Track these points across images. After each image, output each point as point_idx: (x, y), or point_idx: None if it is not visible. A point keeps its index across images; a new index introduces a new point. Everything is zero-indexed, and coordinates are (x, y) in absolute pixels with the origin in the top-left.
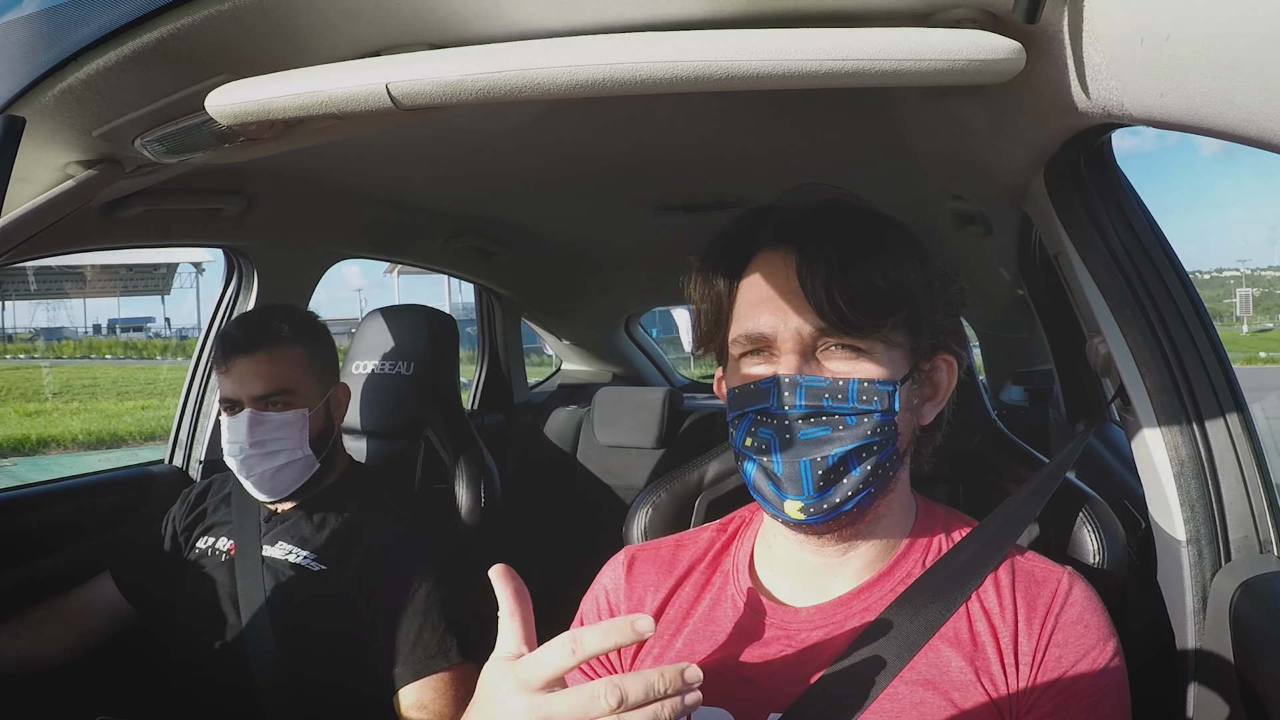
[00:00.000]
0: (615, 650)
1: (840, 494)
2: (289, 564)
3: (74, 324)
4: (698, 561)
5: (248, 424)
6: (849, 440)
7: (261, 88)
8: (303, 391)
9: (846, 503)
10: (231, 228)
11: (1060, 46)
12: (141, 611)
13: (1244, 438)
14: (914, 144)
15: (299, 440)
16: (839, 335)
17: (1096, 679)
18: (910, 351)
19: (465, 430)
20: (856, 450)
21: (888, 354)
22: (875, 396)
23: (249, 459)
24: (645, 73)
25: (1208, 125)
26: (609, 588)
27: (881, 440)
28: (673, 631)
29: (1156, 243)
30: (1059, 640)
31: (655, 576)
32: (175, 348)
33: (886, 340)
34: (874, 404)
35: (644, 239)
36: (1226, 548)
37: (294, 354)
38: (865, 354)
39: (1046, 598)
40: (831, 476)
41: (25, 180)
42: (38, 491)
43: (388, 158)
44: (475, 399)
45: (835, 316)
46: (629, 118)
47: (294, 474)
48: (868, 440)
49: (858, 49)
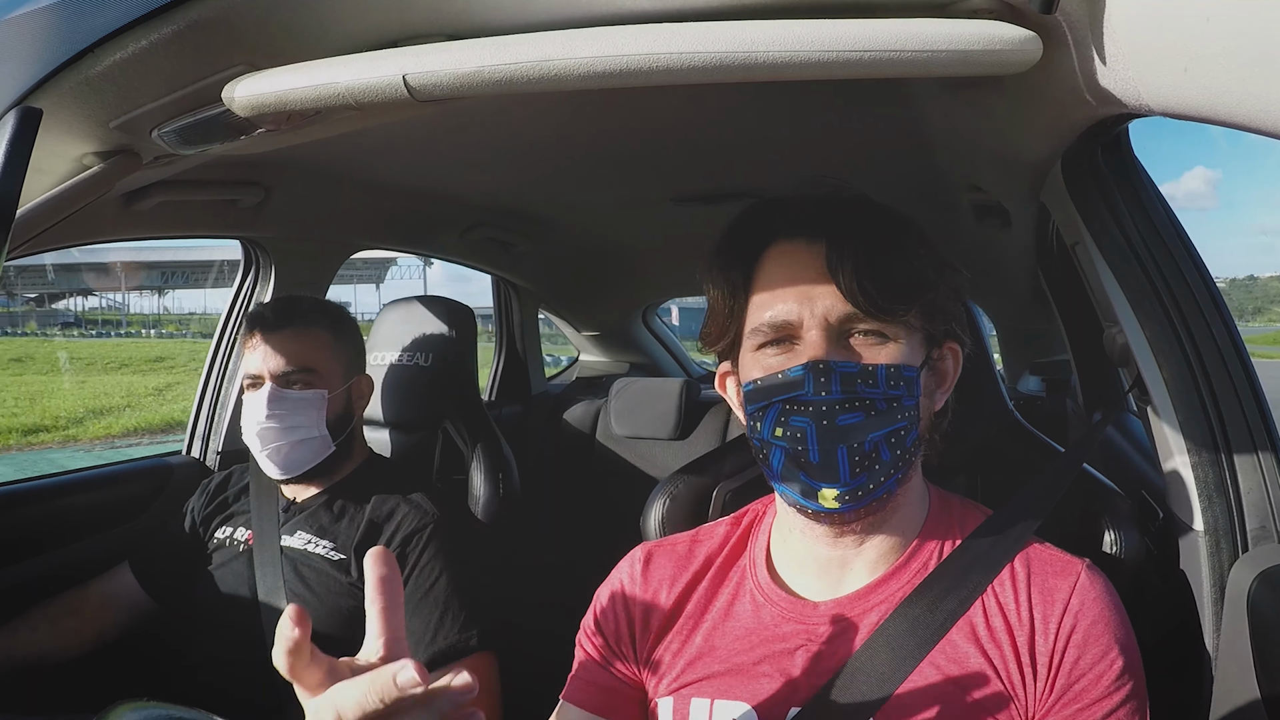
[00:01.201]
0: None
1: (874, 480)
2: (308, 553)
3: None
4: (714, 556)
5: (268, 398)
6: (880, 426)
7: (278, 79)
8: (324, 373)
9: (879, 489)
10: (249, 219)
11: (1078, 37)
12: (160, 603)
13: (1261, 428)
14: (932, 134)
15: (316, 419)
16: (868, 320)
17: (1116, 681)
18: (926, 338)
19: (484, 421)
20: (886, 436)
21: (909, 340)
22: (902, 382)
23: (265, 431)
24: (663, 63)
25: (1226, 116)
26: (625, 580)
27: (907, 425)
28: (691, 627)
29: (1174, 232)
30: (1077, 642)
31: (671, 571)
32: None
33: (909, 326)
34: (901, 389)
35: (662, 230)
36: (1244, 538)
37: (319, 336)
38: (890, 340)
39: (1064, 594)
40: (866, 463)
41: (43, 171)
42: (56, 482)
43: (406, 148)
44: (493, 390)
45: (865, 300)
46: (646, 108)
47: (308, 453)
48: (896, 425)
49: (875, 39)
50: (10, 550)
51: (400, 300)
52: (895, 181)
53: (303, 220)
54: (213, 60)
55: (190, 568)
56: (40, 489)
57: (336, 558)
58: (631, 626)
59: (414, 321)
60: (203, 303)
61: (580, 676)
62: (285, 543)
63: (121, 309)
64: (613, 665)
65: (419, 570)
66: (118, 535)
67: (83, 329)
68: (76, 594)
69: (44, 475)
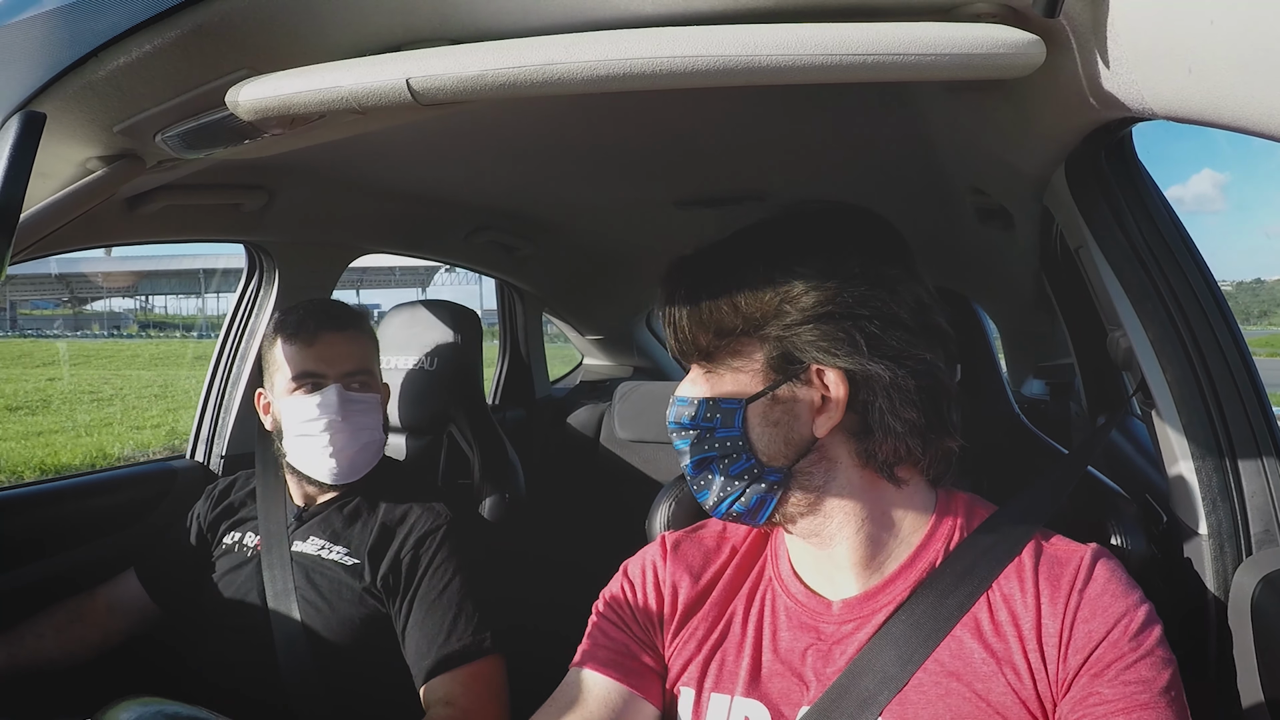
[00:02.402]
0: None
1: (713, 496)
2: (321, 559)
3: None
4: (738, 550)
5: (338, 397)
6: (695, 453)
7: (282, 83)
8: (375, 377)
9: (721, 504)
10: (253, 223)
11: (1081, 40)
12: (166, 610)
13: (1265, 431)
14: (935, 138)
15: (378, 422)
16: (690, 359)
17: (1133, 642)
18: (763, 370)
19: (489, 425)
20: (704, 461)
21: (733, 375)
22: (718, 414)
23: (338, 434)
24: (666, 67)
25: (1230, 120)
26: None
27: (730, 453)
28: (714, 618)
29: (1177, 236)
30: (1085, 615)
31: (701, 561)
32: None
33: (731, 362)
34: (715, 421)
35: (665, 233)
36: (1248, 541)
37: (370, 341)
38: (718, 375)
39: (1070, 575)
40: (700, 483)
41: (47, 175)
42: (59, 487)
43: (410, 152)
44: (497, 394)
45: (678, 341)
46: (650, 112)
47: (369, 456)
48: (709, 454)
49: (879, 43)
50: (14, 554)
51: (405, 304)
52: (898, 185)
53: (306, 224)
54: (216, 64)
55: (197, 574)
56: (43, 493)
57: (350, 563)
58: (660, 607)
59: (419, 325)
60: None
61: (602, 645)
62: (297, 548)
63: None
64: (637, 641)
65: (432, 571)
66: (122, 540)
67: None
68: (84, 600)
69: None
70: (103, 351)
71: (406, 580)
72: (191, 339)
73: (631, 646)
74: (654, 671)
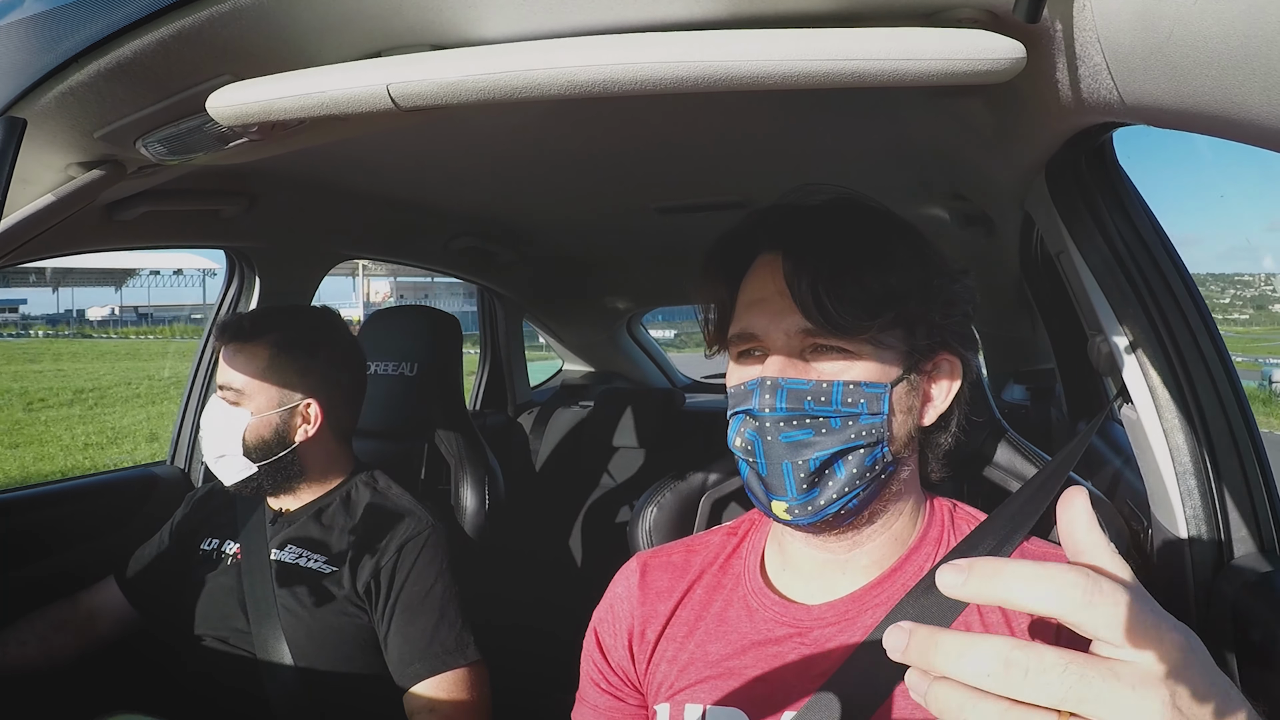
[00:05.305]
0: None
1: (825, 496)
2: (299, 567)
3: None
4: (709, 565)
5: (208, 408)
6: (832, 444)
7: (262, 88)
8: (251, 395)
9: (832, 504)
10: (233, 229)
11: (1062, 46)
12: (146, 617)
13: (1245, 436)
14: (916, 144)
15: (233, 441)
16: (826, 337)
17: None
18: (905, 353)
19: (469, 431)
20: (840, 453)
21: (878, 355)
22: (863, 399)
23: (202, 440)
24: (646, 73)
25: (1209, 124)
26: (623, 596)
27: (868, 443)
28: (685, 634)
29: (1158, 241)
30: None
31: (668, 582)
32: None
33: (877, 342)
34: (860, 406)
35: (646, 239)
36: (1229, 547)
37: (256, 354)
38: (854, 355)
39: None
40: (816, 479)
41: (27, 181)
42: (39, 492)
43: (390, 158)
44: (477, 400)
45: (821, 318)
46: (631, 118)
47: (228, 470)
48: (852, 444)
49: (859, 49)
50: None
51: (385, 310)
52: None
53: (287, 230)
54: (197, 70)
55: (177, 581)
56: (23, 498)
57: (329, 570)
58: (631, 641)
59: (398, 331)
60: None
61: (586, 700)
62: (275, 556)
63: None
64: (616, 685)
65: (414, 576)
66: (103, 545)
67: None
68: (65, 606)
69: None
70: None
71: (388, 587)
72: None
73: (613, 700)
74: (639, 713)
